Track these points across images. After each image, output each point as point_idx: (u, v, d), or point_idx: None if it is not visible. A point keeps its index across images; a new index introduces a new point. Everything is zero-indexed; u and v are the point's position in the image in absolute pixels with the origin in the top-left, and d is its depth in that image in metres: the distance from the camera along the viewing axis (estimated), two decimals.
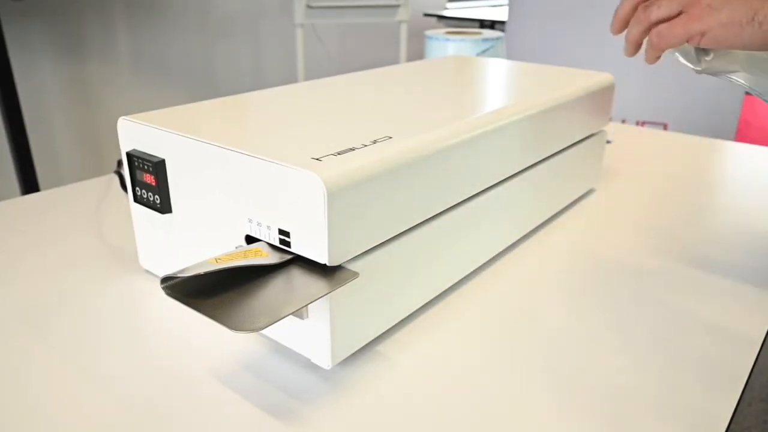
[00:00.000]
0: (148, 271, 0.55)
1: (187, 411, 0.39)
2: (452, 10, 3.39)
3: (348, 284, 0.39)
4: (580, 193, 0.72)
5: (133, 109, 2.07)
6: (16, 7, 1.73)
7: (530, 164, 0.59)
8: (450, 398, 0.40)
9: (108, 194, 0.72)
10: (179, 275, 0.37)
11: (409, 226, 0.45)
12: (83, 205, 0.69)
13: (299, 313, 0.40)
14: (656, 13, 0.44)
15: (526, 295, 0.53)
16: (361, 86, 0.63)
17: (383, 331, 0.46)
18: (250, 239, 0.43)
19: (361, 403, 0.40)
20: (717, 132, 1.77)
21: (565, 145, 0.65)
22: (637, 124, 1.94)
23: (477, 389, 0.41)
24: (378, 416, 0.39)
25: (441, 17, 3.21)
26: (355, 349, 0.43)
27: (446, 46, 2.26)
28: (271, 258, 0.40)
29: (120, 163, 0.64)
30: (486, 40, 2.27)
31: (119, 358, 0.44)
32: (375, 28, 2.88)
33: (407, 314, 0.48)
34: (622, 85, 1.71)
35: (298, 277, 0.39)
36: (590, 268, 0.57)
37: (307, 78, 2.34)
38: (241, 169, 0.41)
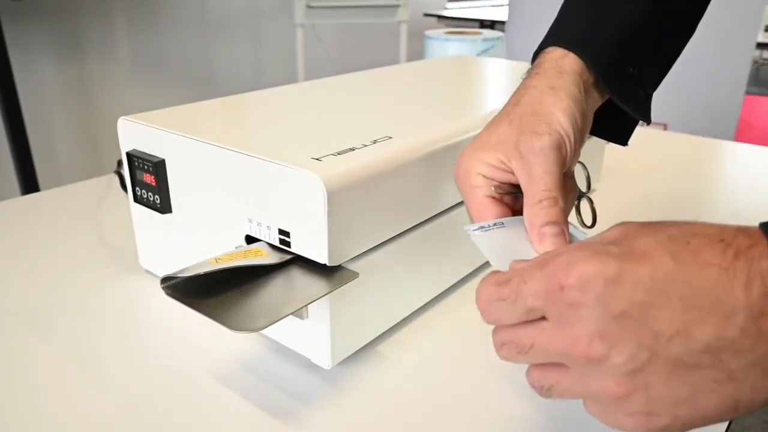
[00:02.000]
0: (148, 271, 0.55)
1: (187, 411, 0.39)
2: (452, 10, 3.39)
3: (348, 284, 0.39)
4: None
5: (132, 109, 2.05)
6: (16, 7, 1.73)
7: None
8: (450, 398, 0.40)
9: (108, 194, 0.72)
10: (179, 275, 0.37)
11: (409, 226, 0.45)
12: (83, 205, 0.69)
13: (299, 313, 0.40)
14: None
15: None
16: (361, 86, 0.63)
17: (383, 331, 0.46)
18: (250, 239, 0.43)
19: (361, 403, 0.40)
20: (717, 132, 1.77)
21: None
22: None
23: (477, 389, 0.41)
24: (378, 416, 0.39)
25: (441, 17, 3.21)
26: (355, 349, 0.43)
27: (446, 46, 2.26)
28: (271, 258, 0.40)
29: (120, 163, 0.64)
30: (486, 40, 2.27)
31: (119, 358, 0.44)
32: (375, 28, 2.88)
33: (407, 314, 0.48)
34: None
35: (298, 277, 0.39)
36: None
37: (307, 78, 2.34)
38: (241, 169, 0.41)
